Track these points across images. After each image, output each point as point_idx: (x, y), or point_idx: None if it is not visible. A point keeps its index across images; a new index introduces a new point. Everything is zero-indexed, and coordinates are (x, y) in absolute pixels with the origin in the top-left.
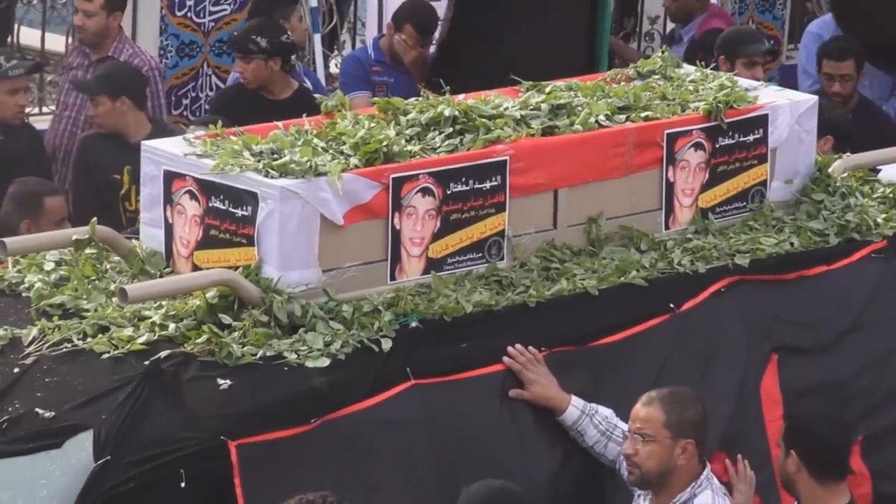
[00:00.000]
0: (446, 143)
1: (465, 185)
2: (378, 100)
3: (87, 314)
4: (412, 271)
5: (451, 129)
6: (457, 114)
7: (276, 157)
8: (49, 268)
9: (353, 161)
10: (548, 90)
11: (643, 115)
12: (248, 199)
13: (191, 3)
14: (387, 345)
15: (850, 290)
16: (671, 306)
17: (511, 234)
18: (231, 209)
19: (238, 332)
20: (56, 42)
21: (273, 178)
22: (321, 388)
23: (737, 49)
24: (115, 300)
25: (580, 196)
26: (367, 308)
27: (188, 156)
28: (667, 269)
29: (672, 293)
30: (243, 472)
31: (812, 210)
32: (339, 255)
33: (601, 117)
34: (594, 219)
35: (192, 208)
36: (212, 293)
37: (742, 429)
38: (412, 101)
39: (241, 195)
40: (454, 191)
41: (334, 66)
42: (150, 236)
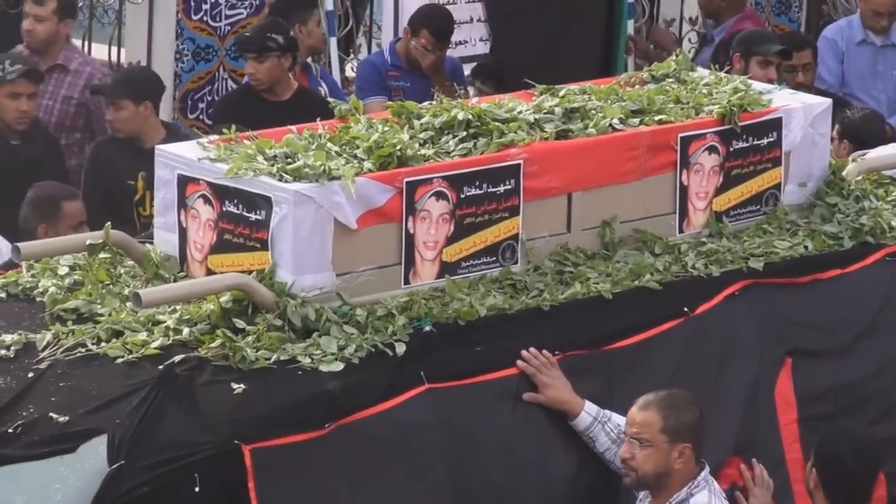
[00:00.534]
0: (460, 146)
1: (478, 189)
2: (392, 104)
3: (102, 319)
4: (426, 275)
5: (464, 133)
6: (470, 117)
7: (289, 161)
8: (63, 272)
9: (367, 165)
10: (561, 94)
11: (657, 118)
12: (262, 203)
13: (207, 6)
14: (401, 349)
15: (864, 294)
16: (685, 310)
17: (525, 237)
18: (245, 213)
19: (252, 336)
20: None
21: (287, 182)
22: (335, 392)
23: (751, 47)
24: (129, 304)
25: (594, 199)
26: (380, 312)
27: (202, 160)
28: (681, 273)
29: (686, 297)
30: (257, 477)
31: (826, 213)
32: (352, 258)
33: (615, 121)
34: (608, 222)
35: (206, 212)
36: (226, 297)
37: (756, 432)
38: (426, 104)
39: (254, 199)
40: (468, 195)
41: (350, 69)
42: (164, 240)
